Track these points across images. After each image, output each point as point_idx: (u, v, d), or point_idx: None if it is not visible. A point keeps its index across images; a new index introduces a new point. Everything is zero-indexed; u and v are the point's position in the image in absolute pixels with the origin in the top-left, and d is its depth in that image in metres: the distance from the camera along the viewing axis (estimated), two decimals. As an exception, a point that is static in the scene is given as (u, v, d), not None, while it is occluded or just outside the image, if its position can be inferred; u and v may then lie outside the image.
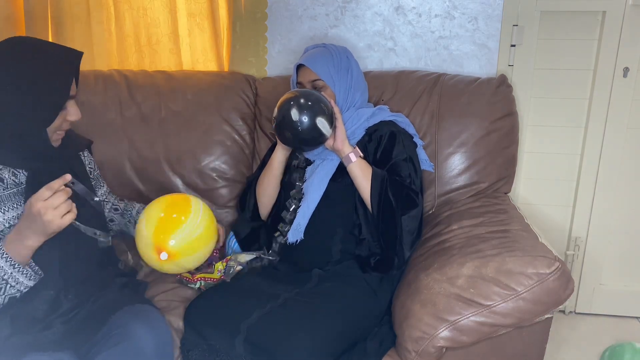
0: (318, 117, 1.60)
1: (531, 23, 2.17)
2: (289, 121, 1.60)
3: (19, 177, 1.38)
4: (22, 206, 1.35)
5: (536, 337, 1.53)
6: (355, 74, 1.80)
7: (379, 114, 1.82)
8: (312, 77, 1.74)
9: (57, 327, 1.38)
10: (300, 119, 1.59)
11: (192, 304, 1.62)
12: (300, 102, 1.61)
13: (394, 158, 1.72)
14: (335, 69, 1.75)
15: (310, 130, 1.60)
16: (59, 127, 1.37)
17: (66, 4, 2.23)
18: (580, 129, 2.29)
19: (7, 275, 1.30)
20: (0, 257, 1.29)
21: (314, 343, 1.42)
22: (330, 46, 1.81)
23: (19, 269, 1.31)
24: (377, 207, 1.65)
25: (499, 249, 1.52)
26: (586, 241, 2.39)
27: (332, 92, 1.74)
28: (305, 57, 1.77)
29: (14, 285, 1.31)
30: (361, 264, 1.69)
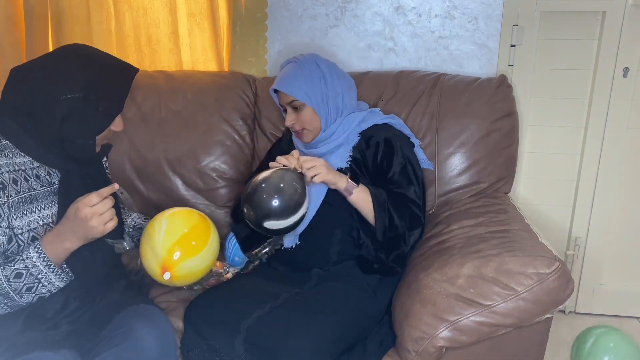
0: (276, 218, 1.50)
1: (531, 23, 2.17)
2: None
3: (52, 177, 1.41)
4: (55, 206, 1.38)
5: (536, 337, 1.53)
6: (329, 80, 1.75)
7: (371, 117, 1.80)
8: (287, 99, 1.73)
9: (64, 326, 1.40)
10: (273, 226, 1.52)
11: (192, 304, 1.62)
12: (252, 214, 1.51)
13: (394, 167, 1.71)
14: (307, 84, 1.72)
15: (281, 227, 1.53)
16: (105, 136, 1.42)
17: (66, 4, 2.23)
18: (580, 129, 2.29)
19: (42, 275, 1.32)
20: (37, 256, 1.31)
21: (314, 343, 1.42)
22: (300, 59, 1.77)
23: (53, 270, 1.33)
24: (383, 236, 1.66)
25: (499, 249, 1.52)
26: (586, 241, 2.39)
27: (310, 108, 1.73)
28: (277, 81, 1.76)
29: (45, 285, 1.33)
30: (361, 264, 1.69)
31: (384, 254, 1.69)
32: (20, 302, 1.33)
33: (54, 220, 1.37)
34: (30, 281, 1.31)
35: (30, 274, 1.31)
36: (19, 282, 1.30)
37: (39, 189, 1.37)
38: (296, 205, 1.51)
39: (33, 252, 1.31)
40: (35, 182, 1.37)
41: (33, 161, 1.37)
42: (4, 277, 1.29)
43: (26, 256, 1.31)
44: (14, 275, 1.30)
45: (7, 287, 1.30)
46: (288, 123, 1.76)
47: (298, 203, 1.51)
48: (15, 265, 1.30)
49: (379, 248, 1.69)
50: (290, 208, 1.50)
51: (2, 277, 1.29)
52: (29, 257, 1.31)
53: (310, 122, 1.74)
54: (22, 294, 1.32)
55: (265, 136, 2.15)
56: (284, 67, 1.80)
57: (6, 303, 1.32)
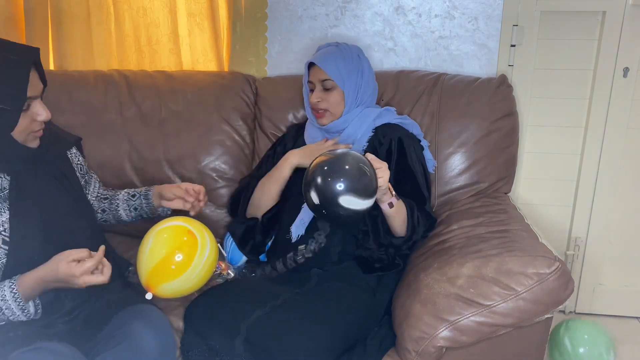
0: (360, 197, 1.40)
1: (531, 23, 2.17)
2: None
3: (2, 182, 1.35)
4: (7, 212, 1.33)
5: (536, 337, 1.53)
6: (366, 74, 1.81)
7: (386, 115, 1.83)
8: (322, 76, 1.76)
9: (59, 327, 1.39)
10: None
11: (192, 304, 1.62)
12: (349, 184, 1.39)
13: (410, 167, 1.73)
14: (345, 69, 1.76)
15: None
16: (27, 128, 1.31)
17: (66, 4, 2.23)
18: (580, 129, 2.29)
19: (6, 306, 1.29)
20: (9, 291, 1.28)
21: (314, 343, 1.42)
22: (343, 45, 1.82)
23: (21, 306, 1.30)
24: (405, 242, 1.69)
25: (499, 249, 1.52)
26: (586, 241, 2.39)
27: (341, 91, 1.76)
28: (317, 56, 1.79)
29: (8, 315, 1.31)
30: (362, 264, 1.69)
31: (391, 252, 1.69)
32: None
33: (5, 229, 1.32)
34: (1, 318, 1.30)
35: (2, 313, 1.29)
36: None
37: None
38: (373, 189, 1.43)
39: (7, 291, 1.29)
40: None
41: None
42: None
43: (1, 296, 1.28)
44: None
45: None
46: (314, 99, 1.78)
47: (374, 188, 1.43)
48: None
49: (386, 249, 1.69)
50: (370, 187, 1.42)
51: None
52: (4, 298, 1.28)
53: (335, 105, 1.78)
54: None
55: (265, 136, 2.15)
56: (323, 48, 1.84)
57: None
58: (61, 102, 2.05)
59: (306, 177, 1.44)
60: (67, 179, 1.50)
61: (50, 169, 1.44)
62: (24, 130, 1.30)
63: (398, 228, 1.66)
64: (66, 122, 1.88)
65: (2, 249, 1.32)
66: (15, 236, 1.32)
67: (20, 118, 1.27)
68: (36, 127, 1.33)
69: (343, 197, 1.38)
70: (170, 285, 1.40)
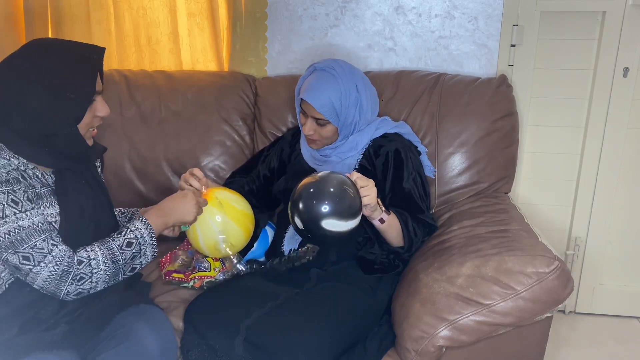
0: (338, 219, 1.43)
1: (531, 23, 2.17)
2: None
3: (47, 179, 1.40)
4: (57, 206, 1.38)
5: (536, 337, 1.53)
6: (365, 106, 1.71)
7: (383, 126, 1.78)
8: (315, 114, 1.67)
9: (62, 326, 1.39)
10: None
11: (192, 304, 1.62)
12: None
13: (404, 180, 1.71)
14: (342, 106, 1.66)
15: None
16: (90, 123, 1.39)
17: (66, 4, 2.23)
18: (580, 129, 2.29)
19: (144, 246, 1.42)
20: (145, 228, 1.43)
21: (314, 343, 1.42)
22: (339, 74, 1.67)
23: (152, 243, 1.44)
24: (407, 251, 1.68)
25: (499, 248, 1.52)
26: (586, 241, 2.39)
27: (335, 127, 1.70)
28: (310, 92, 1.66)
29: (142, 257, 1.43)
30: (362, 265, 1.69)
31: (391, 256, 1.70)
32: (121, 273, 1.39)
33: (57, 220, 1.37)
34: (136, 250, 1.41)
35: (138, 243, 1.41)
36: (129, 250, 1.39)
37: (40, 188, 1.36)
38: (357, 209, 1.45)
39: (140, 224, 1.43)
40: (36, 182, 1.36)
41: (27, 163, 1.36)
42: (117, 246, 1.37)
43: (134, 227, 1.42)
44: (125, 244, 1.39)
45: (119, 256, 1.37)
46: (306, 132, 1.70)
47: (358, 208, 1.45)
48: (126, 235, 1.40)
49: (387, 253, 1.69)
50: (353, 208, 1.44)
51: (115, 246, 1.37)
52: (137, 229, 1.42)
53: (329, 137, 1.73)
54: (127, 262, 1.39)
55: (265, 136, 2.15)
56: (316, 72, 1.71)
57: (112, 274, 1.37)
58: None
59: (291, 201, 1.49)
60: (97, 182, 1.54)
61: (85, 173, 1.50)
62: (86, 125, 1.38)
63: (394, 240, 1.65)
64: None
65: None
66: (61, 230, 1.37)
67: (86, 112, 1.36)
68: (96, 122, 1.42)
69: (326, 221, 1.42)
70: (225, 194, 1.60)
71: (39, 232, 1.29)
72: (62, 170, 1.42)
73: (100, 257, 1.34)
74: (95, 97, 1.38)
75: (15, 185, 1.28)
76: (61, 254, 1.30)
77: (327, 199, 1.41)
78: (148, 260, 1.44)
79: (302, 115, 1.74)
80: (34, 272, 1.28)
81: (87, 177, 1.49)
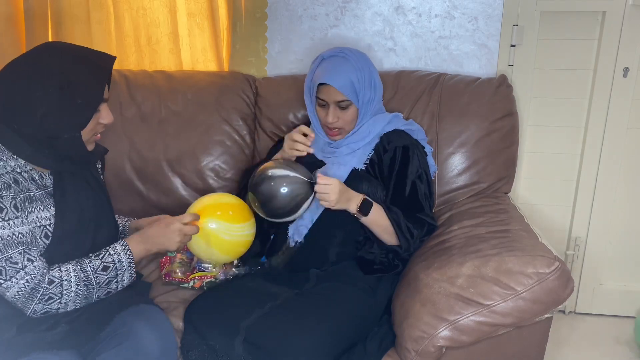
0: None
1: (531, 23, 2.17)
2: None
3: (45, 180, 1.40)
4: (52, 208, 1.38)
5: (536, 337, 1.53)
6: (377, 86, 1.75)
7: (395, 121, 1.79)
8: (338, 97, 1.68)
9: (62, 326, 1.39)
10: None
11: (192, 304, 1.62)
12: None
13: (409, 177, 1.72)
14: (359, 85, 1.69)
15: None
16: (93, 130, 1.40)
17: (66, 4, 2.23)
18: (580, 129, 2.29)
19: (121, 271, 1.40)
20: (124, 253, 1.41)
21: (313, 343, 1.42)
22: (352, 57, 1.71)
23: (129, 267, 1.42)
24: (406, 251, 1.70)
25: (499, 248, 1.52)
26: (586, 241, 2.39)
27: (356, 108, 1.71)
28: (328, 74, 1.67)
29: (119, 281, 1.41)
30: (362, 265, 1.69)
31: (390, 256, 1.70)
32: (94, 296, 1.38)
33: (51, 223, 1.37)
34: (112, 275, 1.39)
35: (115, 268, 1.39)
36: (104, 275, 1.38)
37: (35, 191, 1.37)
38: (283, 214, 1.59)
39: (120, 248, 1.41)
40: (31, 184, 1.36)
41: (26, 164, 1.37)
42: (92, 269, 1.36)
43: (113, 251, 1.40)
44: (101, 268, 1.37)
45: (92, 279, 1.36)
46: (331, 120, 1.70)
47: (286, 213, 1.59)
48: (104, 258, 1.38)
49: (387, 253, 1.69)
50: (278, 215, 1.60)
51: (90, 269, 1.36)
52: (117, 253, 1.40)
53: (351, 122, 1.73)
54: (101, 287, 1.38)
55: (265, 136, 2.15)
56: (325, 60, 1.73)
57: (84, 296, 1.36)
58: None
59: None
60: (98, 184, 1.55)
61: (86, 174, 1.50)
62: (90, 131, 1.39)
63: (384, 238, 1.67)
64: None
65: (43, 241, 1.36)
66: (57, 232, 1.37)
67: (91, 119, 1.37)
68: (99, 129, 1.43)
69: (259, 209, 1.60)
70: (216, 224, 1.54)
71: (18, 244, 1.29)
72: (62, 172, 1.42)
73: (73, 279, 1.34)
74: (101, 105, 1.39)
75: (3, 191, 1.28)
76: (34, 271, 1.30)
77: (262, 196, 1.57)
78: (125, 285, 1.44)
79: (321, 108, 1.73)
80: (4, 287, 1.29)
81: (87, 178, 1.50)
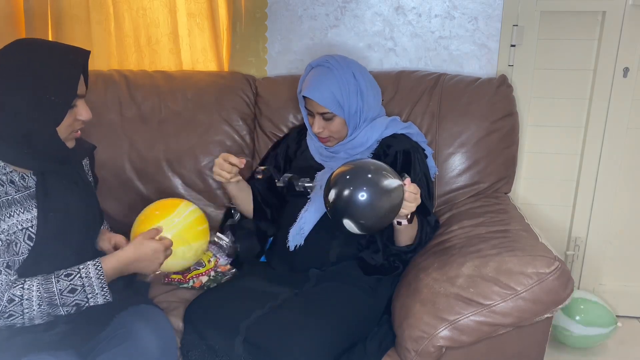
0: None
1: (531, 23, 2.17)
2: None
3: (27, 181, 1.38)
4: (34, 210, 1.36)
5: (536, 337, 1.53)
6: (365, 93, 1.71)
7: (393, 125, 1.78)
8: (320, 109, 1.68)
9: (60, 327, 1.39)
10: None
11: (191, 305, 1.62)
12: None
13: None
14: (342, 95, 1.67)
15: None
16: (70, 126, 1.37)
17: (66, 4, 2.23)
18: (580, 129, 2.29)
19: (92, 293, 1.35)
20: (96, 275, 1.35)
21: (313, 343, 1.42)
22: (335, 65, 1.69)
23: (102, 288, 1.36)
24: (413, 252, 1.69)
25: (499, 248, 1.52)
26: (586, 241, 2.39)
27: (342, 119, 1.70)
28: (310, 88, 1.67)
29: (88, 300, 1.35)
30: (362, 265, 1.69)
31: (391, 259, 1.69)
32: (62, 312, 1.35)
33: (33, 225, 1.35)
34: (81, 297, 1.34)
35: (83, 291, 1.34)
36: (71, 297, 1.33)
37: (14, 194, 1.35)
38: (383, 226, 1.48)
39: (93, 271, 1.35)
40: (10, 187, 1.34)
41: (5, 166, 1.35)
42: (57, 290, 1.32)
43: (85, 274, 1.34)
44: (68, 290, 1.33)
45: (57, 301, 1.32)
46: (316, 130, 1.71)
47: (385, 226, 1.49)
48: (73, 280, 1.33)
49: (388, 256, 1.69)
50: (378, 226, 1.45)
51: (55, 290, 1.31)
52: (87, 276, 1.34)
53: (339, 131, 1.73)
54: (68, 306, 1.34)
55: (265, 136, 2.15)
56: (313, 69, 1.73)
57: (49, 313, 1.33)
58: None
59: (342, 180, 1.41)
60: (84, 182, 1.53)
61: (70, 172, 1.48)
62: (67, 128, 1.36)
63: (404, 240, 1.65)
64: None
65: (27, 244, 1.34)
66: (40, 233, 1.35)
67: (66, 115, 1.33)
68: (77, 126, 1.39)
69: (347, 222, 1.41)
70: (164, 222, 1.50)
71: None
72: (45, 173, 1.40)
73: (35, 299, 1.30)
74: (76, 101, 1.36)
75: None
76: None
77: (367, 215, 1.38)
78: (98, 303, 1.37)
79: (309, 116, 1.75)
80: None
81: (73, 177, 1.48)
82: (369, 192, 1.37)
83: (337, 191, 1.39)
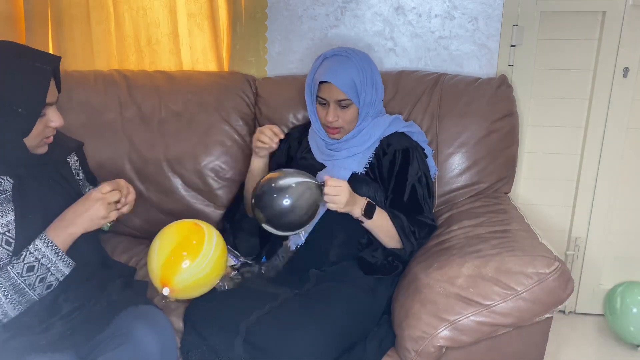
0: None
1: (531, 23, 2.17)
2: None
3: (4, 185, 1.36)
4: (10, 213, 1.34)
5: (536, 337, 1.53)
6: (379, 87, 1.75)
7: (395, 124, 1.79)
8: (338, 95, 1.67)
9: (58, 328, 1.38)
10: None
11: (191, 305, 1.62)
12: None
13: (409, 179, 1.71)
14: (361, 85, 1.68)
15: None
16: (41, 134, 1.34)
17: (66, 4, 2.23)
18: (580, 129, 2.29)
19: (51, 264, 1.33)
20: (45, 246, 1.32)
21: (313, 343, 1.42)
22: (354, 56, 1.70)
23: (61, 257, 1.34)
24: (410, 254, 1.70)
25: (499, 248, 1.52)
26: (586, 241, 2.39)
27: (357, 107, 1.71)
28: (330, 72, 1.66)
29: (54, 273, 1.34)
30: (362, 265, 1.69)
31: (390, 259, 1.69)
32: (33, 295, 1.33)
33: (10, 229, 1.34)
34: (42, 272, 1.32)
35: (41, 265, 1.32)
36: (32, 275, 1.31)
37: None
38: (298, 225, 1.56)
39: (39, 243, 1.32)
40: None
41: None
42: (16, 274, 1.30)
43: (34, 248, 1.32)
44: (26, 270, 1.31)
45: (21, 283, 1.30)
46: (331, 118, 1.70)
47: (301, 224, 1.56)
48: (25, 259, 1.31)
49: (387, 256, 1.69)
50: (293, 227, 1.56)
51: (14, 274, 1.30)
52: (37, 249, 1.32)
53: (351, 122, 1.73)
54: (35, 286, 1.32)
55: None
56: (327, 59, 1.72)
57: (20, 301, 1.32)
58: (61, 102, 2.00)
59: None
60: (67, 181, 1.51)
61: (51, 173, 1.46)
62: (37, 136, 1.34)
63: (386, 242, 1.68)
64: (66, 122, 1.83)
65: (5, 249, 1.33)
66: (19, 237, 1.34)
67: (34, 125, 1.31)
68: (48, 133, 1.37)
69: (265, 225, 1.56)
70: (185, 274, 1.47)
71: None
72: (22, 175, 1.37)
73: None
74: (46, 109, 1.33)
75: None
76: None
77: (269, 209, 1.53)
78: (65, 274, 1.36)
79: (321, 106, 1.73)
80: None
81: (55, 177, 1.46)
82: (268, 191, 1.53)
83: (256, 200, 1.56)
